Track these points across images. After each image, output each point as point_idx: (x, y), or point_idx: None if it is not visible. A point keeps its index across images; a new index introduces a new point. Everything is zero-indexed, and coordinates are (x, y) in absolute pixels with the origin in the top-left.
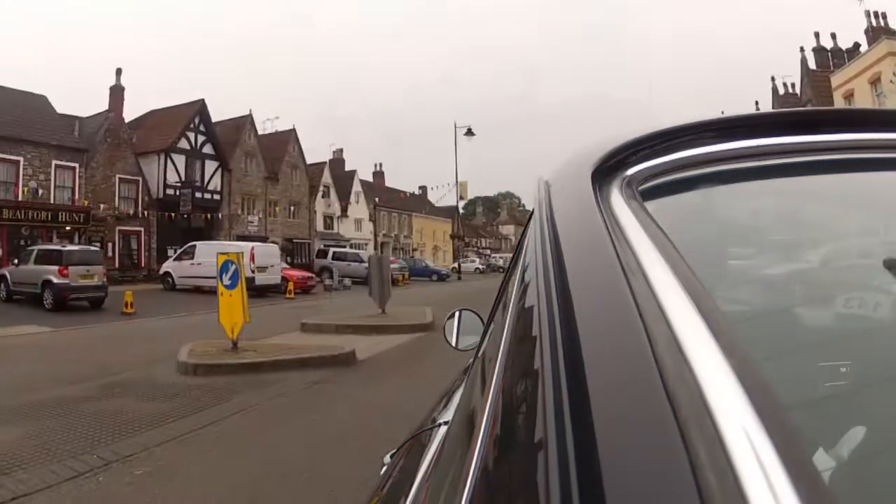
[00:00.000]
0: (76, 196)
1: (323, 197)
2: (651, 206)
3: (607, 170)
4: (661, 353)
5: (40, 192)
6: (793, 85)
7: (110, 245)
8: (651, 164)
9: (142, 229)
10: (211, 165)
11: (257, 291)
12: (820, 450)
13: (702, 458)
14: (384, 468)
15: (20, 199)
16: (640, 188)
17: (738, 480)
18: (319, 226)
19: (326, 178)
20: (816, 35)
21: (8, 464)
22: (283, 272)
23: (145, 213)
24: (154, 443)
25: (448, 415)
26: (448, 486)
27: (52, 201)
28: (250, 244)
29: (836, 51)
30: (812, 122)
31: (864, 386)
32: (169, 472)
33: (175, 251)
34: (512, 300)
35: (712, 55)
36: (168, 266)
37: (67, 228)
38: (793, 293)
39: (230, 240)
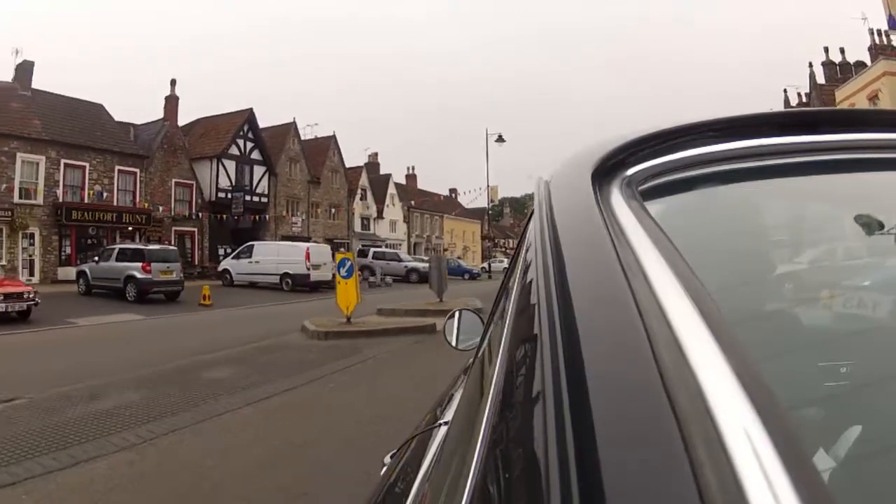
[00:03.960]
0: (137, 199)
1: (361, 199)
2: (651, 206)
3: (607, 170)
4: (661, 353)
5: (104, 195)
6: (808, 94)
7: (167, 244)
8: (651, 164)
9: (195, 230)
10: (259, 170)
11: (311, 287)
12: (820, 450)
13: (702, 458)
14: (384, 468)
15: (86, 201)
16: (641, 188)
17: (738, 480)
18: (357, 227)
19: (363, 181)
20: (826, 50)
21: (245, 384)
22: (334, 270)
23: (199, 214)
24: (329, 372)
25: (448, 415)
26: (448, 486)
27: (115, 203)
28: (306, 244)
29: (844, 65)
30: (812, 122)
31: (864, 386)
32: (348, 385)
33: (225, 250)
34: (512, 300)
35: (729, 58)
36: (226, 264)
37: (130, 229)
38: (792, 293)
39: (276, 240)
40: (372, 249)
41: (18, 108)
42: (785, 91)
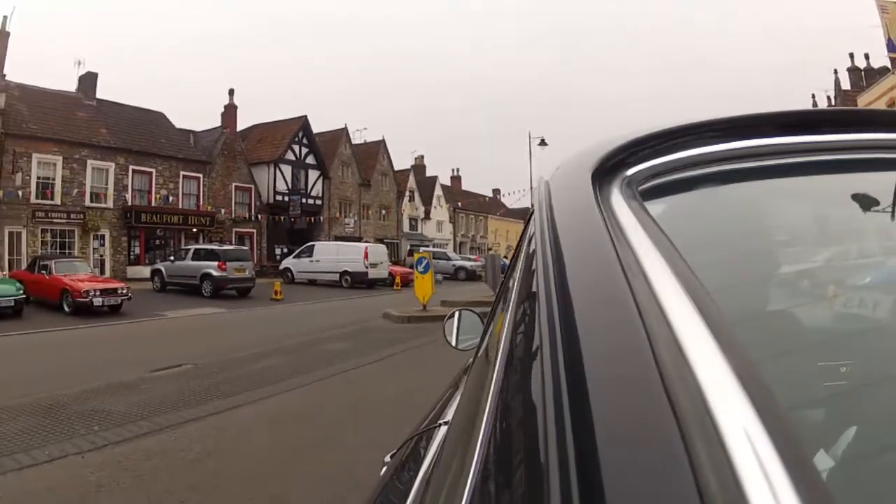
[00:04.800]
0: (200, 202)
1: (409, 201)
2: (651, 206)
3: (607, 170)
4: (661, 353)
5: (170, 198)
6: (833, 99)
7: (228, 244)
8: (651, 164)
9: (254, 231)
10: (313, 174)
11: (368, 284)
12: (820, 450)
13: (702, 458)
14: (384, 468)
15: (153, 204)
16: (641, 188)
17: (738, 480)
18: (406, 227)
19: (411, 183)
20: (851, 56)
21: (359, 352)
22: (390, 268)
23: (258, 216)
24: (419, 344)
25: (448, 415)
26: (448, 486)
27: (180, 207)
28: (364, 245)
29: (869, 71)
30: (812, 122)
31: (864, 386)
32: (438, 351)
33: (282, 250)
34: (512, 300)
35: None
36: (288, 262)
37: (194, 230)
38: (793, 293)
39: (329, 240)
40: (421, 249)
41: (85, 118)
42: (813, 96)
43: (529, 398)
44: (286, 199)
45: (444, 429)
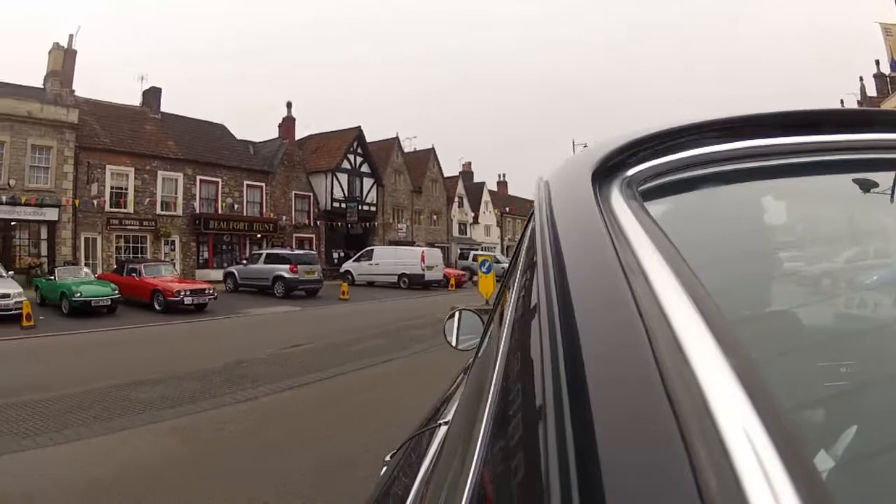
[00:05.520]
0: (263, 209)
1: (458, 206)
2: (651, 206)
3: (607, 170)
4: (662, 353)
5: (235, 206)
6: (860, 104)
7: (289, 248)
8: (651, 164)
9: (313, 236)
10: (368, 182)
11: (424, 286)
12: (820, 450)
13: (702, 458)
14: (384, 468)
15: (220, 212)
16: (641, 189)
17: (738, 480)
18: (455, 231)
19: (460, 189)
20: (877, 62)
21: (440, 339)
22: (444, 271)
23: (317, 222)
24: None
25: (448, 415)
26: (448, 486)
27: (244, 214)
28: (420, 249)
29: (894, 78)
30: (813, 122)
31: (865, 386)
32: None
33: (339, 254)
34: (512, 300)
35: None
36: (348, 266)
37: (258, 236)
38: (793, 293)
39: (384, 244)
40: (472, 252)
41: (152, 131)
42: (842, 101)
43: (529, 398)
44: (343, 205)
45: (444, 429)
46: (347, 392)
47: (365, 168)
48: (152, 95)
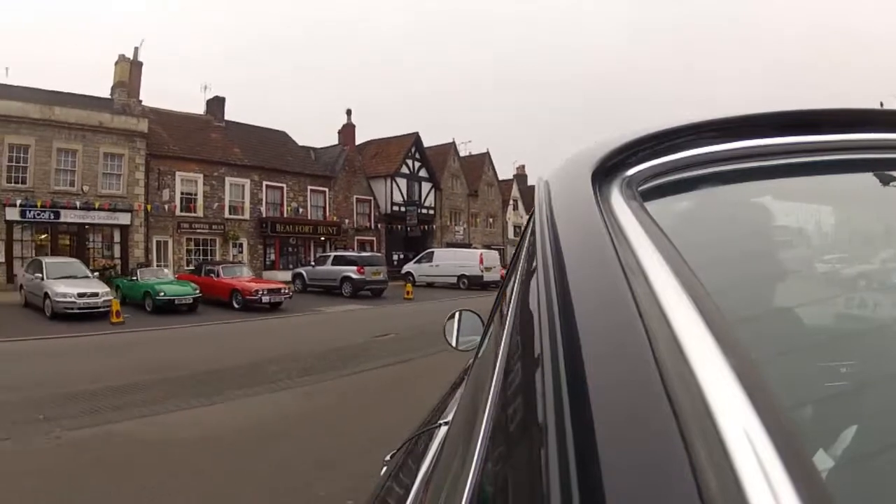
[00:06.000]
0: (326, 213)
1: (513, 209)
2: (651, 206)
3: (607, 170)
4: (662, 354)
5: (300, 210)
6: None
7: (351, 250)
8: (651, 164)
9: (374, 238)
10: (426, 186)
11: (482, 286)
12: (820, 450)
13: (702, 458)
14: (384, 468)
15: (285, 216)
16: (641, 188)
17: (738, 480)
18: (510, 234)
19: (514, 192)
20: None
21: None
22: (501, 272)
23: (377, 225)
24: None
25: (448, 415)
26: (448, 487)
27: (308, 217)
28: (479, 251)
29: None
30: (813, 122)
31: (865, 386)
32: None
33: (399, 256)
34: (512, 300)
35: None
36: (409, 267)
37: (322, 239)
38: (793, 293)
39: (441, 247)
40: None
41: (218, 139)
42: (881, 103)
43: (529, 398)
44: (402, 209)
45: (444, 429)
46: (443, 366)
47: (423, 172)
48: (216, 104)
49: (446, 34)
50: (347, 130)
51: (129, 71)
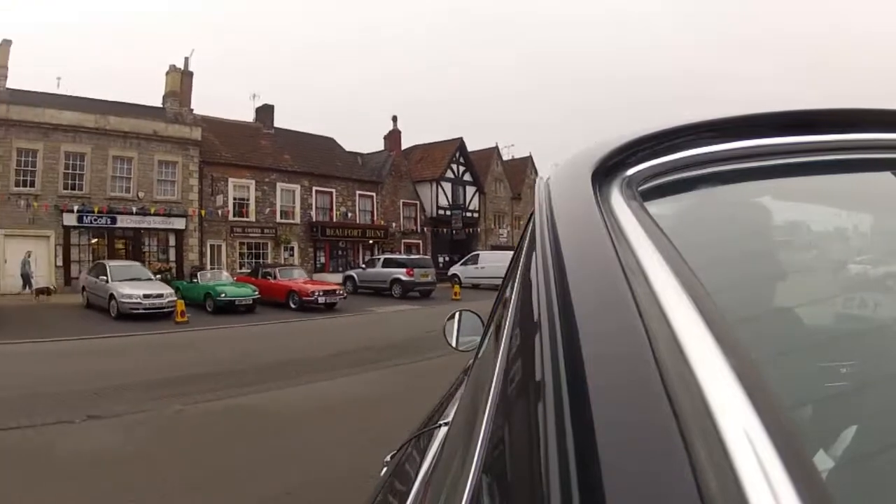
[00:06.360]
0: (374, 217)
1: None
2: (651, 206)
3: (607, 170)
4: (662, 354)
5: (349, 214)
6: None
7: (398, 253)
8: (651, 164)
9: (420, 241)
10: (470, 190)
11: None
12: (820, 450)
13: (702, 459)
14: (384, 468)
15: (335, 220)
16: (641, 188)
17: (738, 480)
18: None
19: None
20: None
21: None
22: None
23: (423, 228)
24: None
25: (448, 415)
26: (448, 487)
27: (357, 222)
28: None
29: None
30: (812, 122)
31: (865, 386)
32: None
33: (444, 258)
34: (512, 301)
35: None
36: (455, 269)
37: (370, 242)
38: (793, 293)
39: (486, 249)
40: None
41: (268, 145)
42: None
43: (529, 398)
44: (447, 212)
45: (444, 429)
46: None
47: (467, 177)
48: (265, 112)
49: (488, 37)
50: (393, 136)
51: (180, 81)
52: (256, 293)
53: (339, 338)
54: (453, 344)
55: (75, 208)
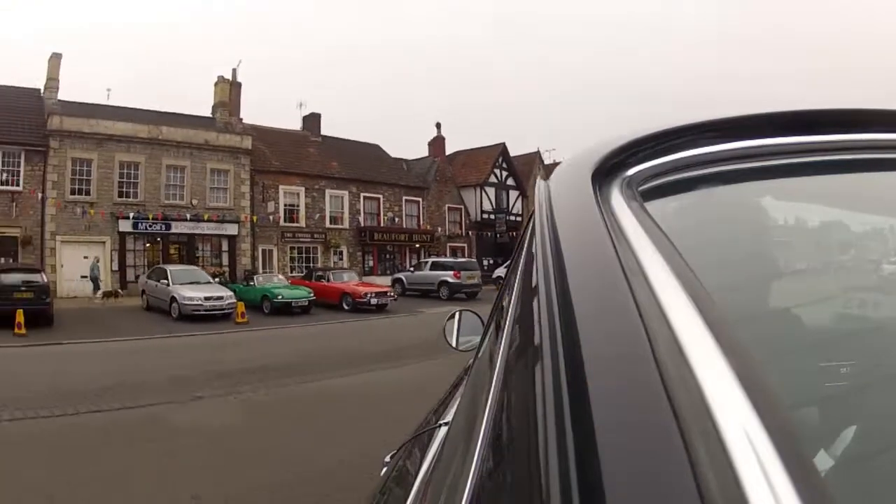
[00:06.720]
0: (420, 221)
1: None
2: (651, 206)
3: (607, 170)
4: (662, 354)
5: (395, 219)
6: None
7: (444, 257)
8: (651, 164)
9: (465, 245)
10: (513, 194)
11: None
12: (820, 450)
13: (702, 458)
14: (384, 468)
15: (382, 225)
16: (641, 189)
17: (738, 480)
18: None
19: None
20: None
21: None
22: None
23: (468, 232)
24: None
25: (448, 415)
26: (448, 487)
27: (404, 226)
28: None
29: None
30: (812, 122)
31: (865, 386)
32: None
33: (488, 261)
34: (512, 301)
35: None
36: (500, 272)
37: (417, 246)
38: (793, 293)
39: None
40: None
41: (316, 153)
42: None
43: (529, 398)
44: (491, 217)
45: (444, 429)
46: None
47: (510, 181)
48: (312, 120)
49: (525, 40)
50: (437, 142)
51: (229, 91)
52: (312, 295)
53: (394, 336)
54: (453, 344)
55: (130, 215)
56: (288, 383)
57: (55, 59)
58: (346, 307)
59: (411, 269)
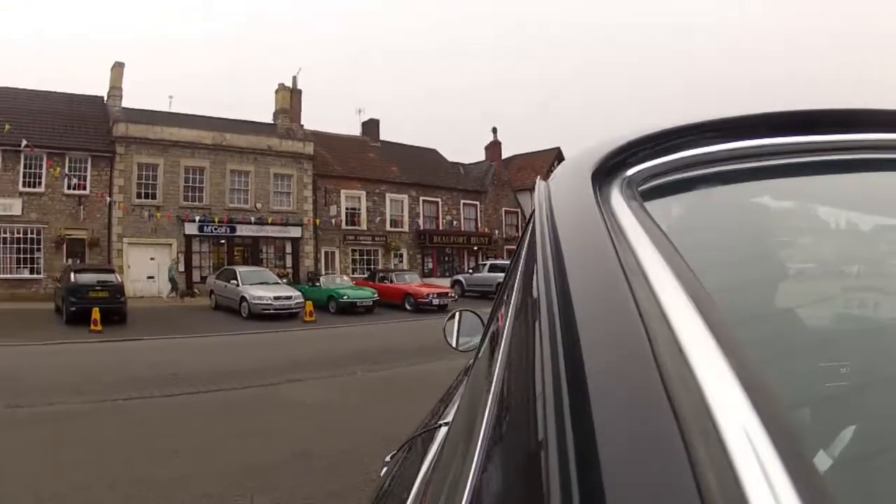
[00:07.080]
0: (478, 224)
1: None
2: (651, 206)
3: (607, 170)
4: (662, 354)
5: (454, 223)
6: None
7: (501, 259)
8: (651, 164)
9: None
10: None
11: None
12: (820, 450)
13: (702, 458)
14: (384, 468)
15: (441, 228)
16: (641, 189)
17: (738, 480)
18: None
19: None
20: None
21: None
22: None
23: None
24: None
25: (448, 415)
26: (448, 487)
27: (462, 229)
28: None
29: None
30: (812, 122)
31: (865, 386)
32: None
33: None
34: (512, 301)
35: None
36: None
37: (475, 248)
38: (793, 293)
39: None
40: None
41: (375, 158)
42: None
43: (529, 399)
44: None
45: (444, 429)
46: None
47: None
48: (371, 126)
49: (577, 45)
50: (494, 147)
51: (290, 98)
52: (376, 296)
53: None
54: (453, 344)
55: (196, 218)
56: (366, 369)
57: (118, 68)
58: (408, 307)
59: (470, 270)
